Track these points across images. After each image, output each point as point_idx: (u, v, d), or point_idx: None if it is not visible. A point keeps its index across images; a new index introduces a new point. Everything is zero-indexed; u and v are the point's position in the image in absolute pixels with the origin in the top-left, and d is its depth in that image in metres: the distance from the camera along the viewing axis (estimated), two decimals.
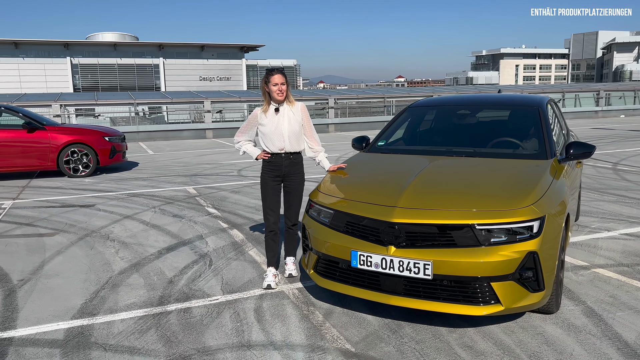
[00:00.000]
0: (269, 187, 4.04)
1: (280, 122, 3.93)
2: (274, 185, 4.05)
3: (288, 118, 3.94)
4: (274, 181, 4.04)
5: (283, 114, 3.95)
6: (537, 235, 3.09)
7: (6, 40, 51.85)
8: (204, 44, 58.69)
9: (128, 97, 21.45)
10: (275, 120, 3.93)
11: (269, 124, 3.93)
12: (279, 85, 3.86)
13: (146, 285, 4.21)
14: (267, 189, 4.05)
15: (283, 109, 3.95)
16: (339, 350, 3.11)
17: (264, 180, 4.06)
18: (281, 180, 4.07)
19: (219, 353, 3.09)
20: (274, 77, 3.86)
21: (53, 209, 7.13)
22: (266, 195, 4.06)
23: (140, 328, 3.43)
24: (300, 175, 4.11)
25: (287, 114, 3.95)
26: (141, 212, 6.77)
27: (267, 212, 4.08)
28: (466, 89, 31.45)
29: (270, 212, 4.06)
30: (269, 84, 3.88)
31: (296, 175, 4.08)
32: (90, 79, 54.91)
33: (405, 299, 3.20)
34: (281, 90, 3.86)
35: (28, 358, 3.06)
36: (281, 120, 3.93)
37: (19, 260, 4.88)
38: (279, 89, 3.86)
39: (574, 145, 4.06)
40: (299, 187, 4.12)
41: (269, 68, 4.06)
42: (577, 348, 3.07)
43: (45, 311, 3.73)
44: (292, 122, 3.95)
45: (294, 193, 4.11)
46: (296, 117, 3.98)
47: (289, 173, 4.04)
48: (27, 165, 9.75)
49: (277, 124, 3.93)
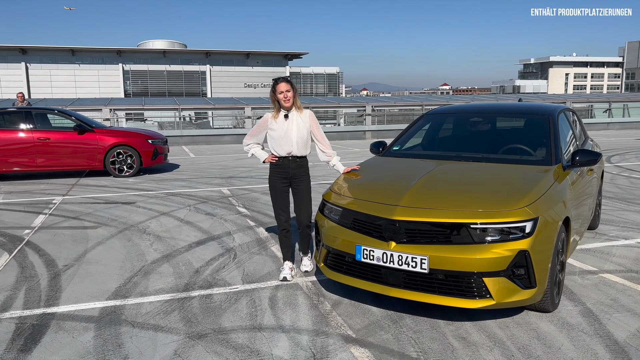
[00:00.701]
0: (278, 189, 4.33)
1: (289, 128, 4.21)
2: (282, 187, 4.33)
3: (297, 124, 4.22)
4: (281, 183, 4.32)
5: (292, 120, 4.22)
6: (530, 235, 3.29)
7: (64, 48, 54.68)
8: (249, 51, 60.07)
9: (173, 102, 22.35)
10: (285, 126, 4.21)
11: (279, 129, 4.22)
12: (285, 92, 4.14)
13: (174, 273, 4.60)
14: (276, 191, 4.34)
15: (292, 115, 4.23)
16: (341, 335, 3.38)
17: (273, 182, 4.35)
18: (289, 183, 4.33)
19: (232, 333, 3.42)
20: (279, 85, 4.15)
21: (97, 205, 7.70)
22: (276, 197, 4.35)
23: (165, 310, 3.81)
24: (307, 177, 4.37)
25: (296, 120, 4.23)
26: (177, 210, 7.23)
27: (278, 212, 4.37)
28: (508, 98, 31.03)
29: (281, 213, 4.36)
30: (276, 92, 4.17)
31: (303, 177, 4.34)
32: (141, 84, 57.10)
33: (404, 291, 3.45)
34: (287, 97, 4.15)
35: (67, 330, 3.49)
36: (290, 126, 4.21)
37: (64, 249, 5.39)
38: (285, 96, 4.14)
39: (580, 152, 4.20)
40: (307, 188, 4.37)
41: (275, 77, 4.35)
42: (566, 343, 3.24)
43: (84, 292, 4.17)
44: (301, 128, 4.23)
45: (302, 194, 4.35)
46: (304, 123, 4.25)
47: (296, 175, 4.31)
48: (77, 164, 10.46)
49: (286, 129, 4.21)
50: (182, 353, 3.16)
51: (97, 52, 56.12)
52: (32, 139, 10.15)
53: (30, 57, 53.62)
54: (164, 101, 25.06)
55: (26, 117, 10.34)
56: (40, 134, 10.20)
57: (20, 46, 52.84)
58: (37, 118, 10.44)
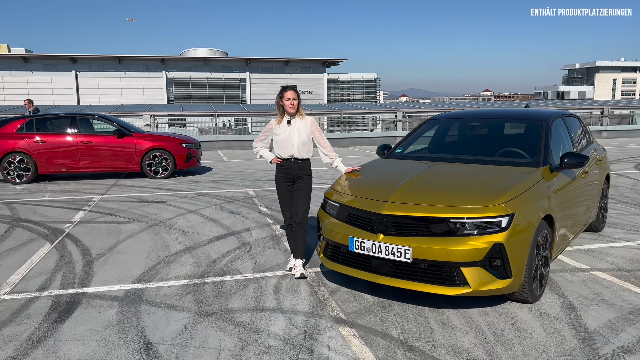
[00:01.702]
0: (282, 187, 4.71)
1: (292, 133, 4.57)
2: (286, 185, 4.70)
3: (298, 129, 4.59)
4: (285, 182, 4.69)
5: (294, 125, 4.59)
6: (505, 229, 3.58)
7: (111, 56, 57.05)
8: (288, 59, 61.07)
9: (210, 109, 23.20)
10: (288, 131, 4.58)
11: (282, 133, 4.60)
12: (291, 100, 4.54)
13: (193, 263, 5.08)
14: (281, 190, 4.73)
15: (294, 122, 4.61)
16: (333, 317, 3.76)
17: (278, 182, 4.74)
18: (292, 182, 4.69)
19: (237, 313, 3.85)
20: (287, 92, 4.55)
21: (132, 203, 8.32)
22: (281, 195, 4.74)
23: (181, 292, 4.28)
24: (308, 177, 4.70)
25: (298, 125, 4.60)
26: (204, 208, 7.76)
27: (283, 209, 4.77)
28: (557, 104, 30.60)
29: (286, 209, 4.74)
30: (283, 99, 4.57)
31: (304, 178, 4.68)
32: (183, 91, 58.90)
33: (390, 279, 3.80)
34: (292, 104, 4.54)
35: (95, 306, 3.99)
36: (292, 131, 4.58)
37: (99, 240, 5.96)
38: (291, 103, 4.54)
39: (568, 155, 4.44)
40: (307, 187, 4.69)
41: (283, 85, 4.75)
42: (539, 329, 3.52)
43: (112, 276, 4.69)
44: (302, 133, 4.59)
45: (301, 192, 4.67)
46: (305, 129, 4.61)
47: (298, 175, 4.66)
48: (116, 166, 11.19)
49: (288, 134, 4.58)
50: (190, 327, 3.60)
51: (142, 60, 58.26)
52: (76, 142, 10.95)
53: (79, 66, 56.22)
54: (201, 108, 25.99)
55: (71, 122, 11.15)
56: (83, 137, 10.99)
57: (70, 55, 55.47)
58: (80, 123, 11.24)
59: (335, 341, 3.39)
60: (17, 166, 10.74)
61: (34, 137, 10.83)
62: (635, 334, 3.45)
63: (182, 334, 3.51)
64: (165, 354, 3.23)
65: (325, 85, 62.55)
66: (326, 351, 3.25)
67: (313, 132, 4.67)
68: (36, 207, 8.02)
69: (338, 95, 65.03)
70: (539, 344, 3.30)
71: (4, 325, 3.66)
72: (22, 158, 10.74)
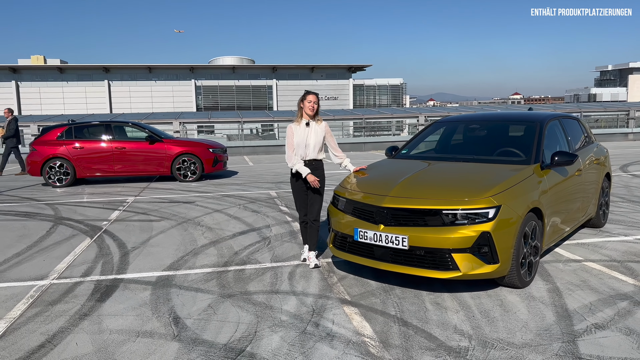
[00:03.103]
0: (297, 187, 5.12)
1: (309, 135, 4.99)
2: (300, 185, 5.09)
3: (315, 132, 5.01)
4: (300, 182, 5.09)
5: (312, 128, 5.02)
6: (492, 219, 3.99)
7: (142, 66, 58.80)
8: (314, 65, 61.81)
9: (237, 116, 23.97)
10: (305, 133, 5.00)
11: (300, 135, 5.00)
12: (312, 102, 4.96)
13: (217, 254, 5.62)
14: (295, 190, 5.14)
15: (312, 124, 5.03)
16: (339, 299, 4.23)
17: (293, 183, 5.16)
18: (306, 182, 5.07)
19: (254, 295, 4.35)
20: (310, 95, 4.97)
21: (163, 203, 8.95)
22: (296, 194, 5.15)
23: (206, 278, 4.81)
24: (321, 178, 5.08)
25: (315, 128, 5.02)
26: (228, 208, 8.32)
27: (298, 207, 5.17)
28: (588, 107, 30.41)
29: (301, 208, 5.15)
30: (305, 101, 5.00)
31: (318, 178, 5.04)
32: (211, 99, 60.19)
33: (390, 264, 4.25)
34: (313, 107, 4.96)
35: (131, 289, 4.56)
36: (310, 133, 5.00)
37: (133, 236, 6.57)
38: (312, 105, 4.96)
39: (558, 154, 4.82)
40: (320, 187, 5.06)
41: (307, 90, 5.18)
42: (522, 309, 3.92)
43: (146, 265, 5.26)
44: (318, 135, 5.01)
45: (315, 192, 5.08)
46: (321, 132, 5.03)
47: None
48: (148, 170, 11.90)
49: (306, 136, 4.99)
50: (213, 305, 4.12)
51: (172, 69, 59.86)
52: (111, 148, 11.70)
53: (112, 75, 58.12)
54: (228, 114, 26.80)
55: (106, 129, 11.92)
56: (117, 144, 11.73)
57: (103, 65, 57.41)
58: (115, 130, 11.99)
59: (339, 317, 3.85)
60: (57, 171, 11.54)
61: (72, 143, 11.63)
62: (611, 313, 3.81)
63: (207, 310, 4.03)
64: (192, 325, 3.75)
65: (350, 90, 63.05)
66: (330, 325, 3.72)
67: (326, 135, 5.12)
68: (76, 208, 8.72)
69: (364, 100, 65.46)
70: (520, 321, 3.71)
71: (55, 303, 4.25)
72: (62, 163, 11.54)
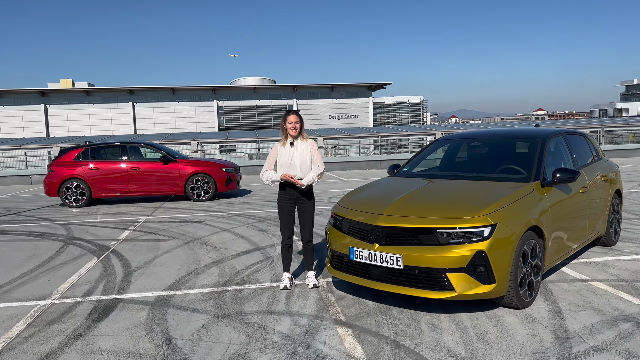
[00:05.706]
0: (285, 208, 5.02)
1: (294, 155, 4.93)
2: (288, 206, 5.01)
3: (300, 151, 4.95)
4: (288, 203, 5.02)
5: (297, 147, 4.96)
6: (487, 238, 3.92)
7: (165, 87, 60.05)
8: (334, 84, 62.24)
9: (253, 135, 24.19)
10: (291, 153, 4.95)
11: (285, 155, 4.95)
12: (293, 123, 4.92)
13: (219, 274, 5.62)
14: (283, 210, 5.03)
15: (297, 144, 4.98)
16: (334, 319, 4.17)
17: (280, 203, 5.05)
18: (294, 202, 5.03)
19: (249, 315, 4.33)
20: (290, 116, 4.93)
21: (173, 223, 9.03)
22: (282, 216, 5.03)
23: (204, 298, 4.81)
24: (311, 199, 5.03)
25: (300, 147, 4.97)
26: (237, 227, 8.35)
27: (283, 229, 5.05)
28: (610, 122, 29.92)
29: (286, 229, 5.04)
30: (286, 122, 4.95)
31: (307, 199, 5.02)
32: (233, 119, 61.01)
33: (386, 284, 4.19)
34: (295, 127, 4.93)
35: (128, 309, 4.58)
36: (295, 153, 4.94)
37: (139, 255, 6.63)
38: (293, 126, 4.92)
39: (560, 170, 4.72)
40: (310, 208, 5.04)
41: (287, 109, 5.16)
42: (520, 330, 3.81)
43: (147, 285, 5.29)
44: (304, 154, 4.95)
45: (306, 213, 5.04)
46: (307, 150, 4.97)
47: (301, 197, 5.00)
48: (162, 190, 12.04)
49: (291, 156, 4.94)
50: (207, 326, 4.11)
51: (194, 90, 60.96)
52: (126, 169, 11.90)
53: (136, 97, 59.46)
54: (245, 134, 27.08)
55: (121, 150, 12.14)
56: (132, 164, 11.93)
57: (128, 87, 58.81)
58: (130, 151, 12.20)
59: (331, 338, 3.80)
60: (74, 191, 11.76)
61: (88, 164, 11.86)
62: (612, 335, 3.68)
63: (199, 331, 4.02)
64: (183, 346, 3.74)
65: (370, 108, 63.21)
66: (321, 346, 3.67)
67: (312, 152, 4.99)
68: (88, 227, 8.86)
69: (384, 118, 65.49)
70: (516, 343, 3.60)
71: (52, 323, 4.30)
72: (78, 184, 11.76)
